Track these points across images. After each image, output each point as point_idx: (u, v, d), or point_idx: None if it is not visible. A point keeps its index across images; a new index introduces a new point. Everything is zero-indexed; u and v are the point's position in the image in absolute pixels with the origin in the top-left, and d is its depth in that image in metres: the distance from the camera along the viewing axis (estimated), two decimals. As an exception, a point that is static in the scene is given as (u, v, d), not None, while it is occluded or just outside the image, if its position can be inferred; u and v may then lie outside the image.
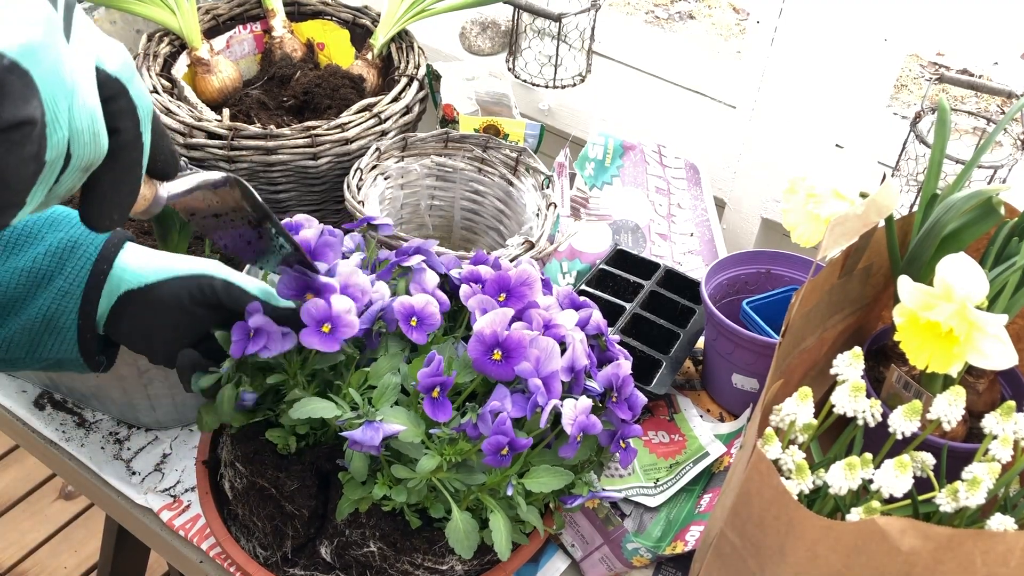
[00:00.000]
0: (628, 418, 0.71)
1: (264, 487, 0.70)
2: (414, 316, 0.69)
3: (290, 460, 0.70)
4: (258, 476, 0.70)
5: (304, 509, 0.69)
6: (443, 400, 0.64)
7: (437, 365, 0.64)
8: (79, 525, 1.90)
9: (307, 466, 0.70)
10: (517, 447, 0.63)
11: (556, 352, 0.66)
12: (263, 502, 0.70)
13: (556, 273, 1.09)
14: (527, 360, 0.65)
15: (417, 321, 0.69)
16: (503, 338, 0.65)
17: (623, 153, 1.22)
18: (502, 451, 0.63)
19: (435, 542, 0.68)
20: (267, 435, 0.69)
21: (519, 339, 0.65)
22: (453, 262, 0.77)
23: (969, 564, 0.50)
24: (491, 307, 0.69)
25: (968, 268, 0.63)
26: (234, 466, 0.72)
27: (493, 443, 0.63)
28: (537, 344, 0.66)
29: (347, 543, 0.68)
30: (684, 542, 0.82)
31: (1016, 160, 1.01)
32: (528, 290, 0.72)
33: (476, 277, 0.73)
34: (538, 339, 0.66)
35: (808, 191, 0.75)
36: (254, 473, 0.70)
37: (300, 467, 0.70)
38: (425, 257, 0.75)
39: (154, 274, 0.69)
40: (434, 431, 0.65)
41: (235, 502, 0.73)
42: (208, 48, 1.17)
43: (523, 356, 0.65)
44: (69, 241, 0.69)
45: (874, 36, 1.07)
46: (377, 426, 0.62)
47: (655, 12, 3.37)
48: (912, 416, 0.61)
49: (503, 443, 0.63)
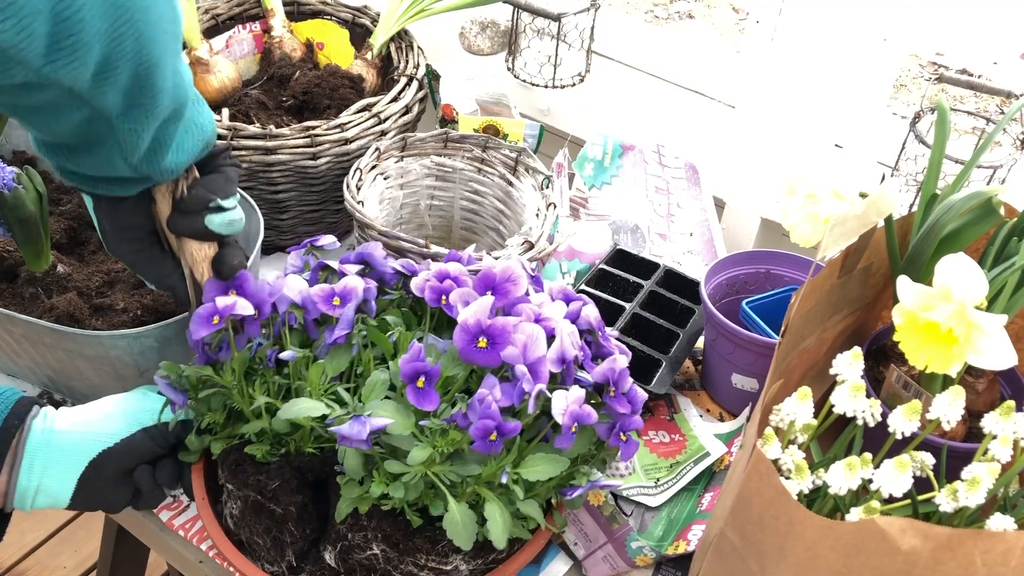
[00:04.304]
0: (627, 412, 0.71)
1: (253, 498, 0.70)
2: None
3: (269, 464, 0.71)
4: (243, 487, 0.70)
5: (291, 507, 0.69)
6: (428, 389, 0.65)
7: (417, 352, 0.65)
8: (79, 525, 1.89)
9: (287, 465, 0.70)
10: (505, 431, 0.64)
11: (542, 338, 0.67)
12: (257, 516, 0.70)
13: (556, 273, 1.09)
14: (513, 345, 0.66)
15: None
16: (487, 325, 0.66)
17: (622, 153, 1.22)
18: (491, 436, 0.63)
19: (437, 541, 0.68)
20: (247, 450, 0.70)
21: (503, 325, 0.66)
22: (410, 266, 0.79)
23: (969, 564, 0.50)
24: (473, 299, 0.69)
25: (967, 268, 0.63)
26: (229, 493, 0.73)
27: (480, 428, 0.63)
28: (522, 330, 0.66)
29: (350, 547, 0.68)
30: (687, 541, 0.82)
31: (1015, 160, 1.01)
32: (513, 286, 0.72)
33: (444, 275, 0.74)
34: (523, 325, 0.67)
35: (807, 191, 0.75)
36: (240, 486, 0.70)
37: (279, 466, 0.70)
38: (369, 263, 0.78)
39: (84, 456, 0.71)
40: (424, 423, 0.65)
41: (237, 530, 0.73)
42: (207, 48, 1.17)
43: (508, 342, 0.66)
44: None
45: (874, 36, 1.07)
46: (364, 420, 0.62)
47: (654, 12, 3.37)
48: (912, 416, 0.61)
49: (491, 427, 0.63)
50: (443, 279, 0.73)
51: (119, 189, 0.72)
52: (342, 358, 0.71)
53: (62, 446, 0.69)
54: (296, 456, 0.71)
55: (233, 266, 0.74)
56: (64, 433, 0.69)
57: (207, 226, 0.72)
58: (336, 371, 0.70)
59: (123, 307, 0.92)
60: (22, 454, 0.67)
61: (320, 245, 0.80)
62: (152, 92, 0.63)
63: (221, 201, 0.72)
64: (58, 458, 0.69)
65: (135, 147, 0.66)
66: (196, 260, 0.75)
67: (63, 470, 0.69)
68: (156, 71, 0.62)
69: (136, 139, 0.65)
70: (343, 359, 0.71)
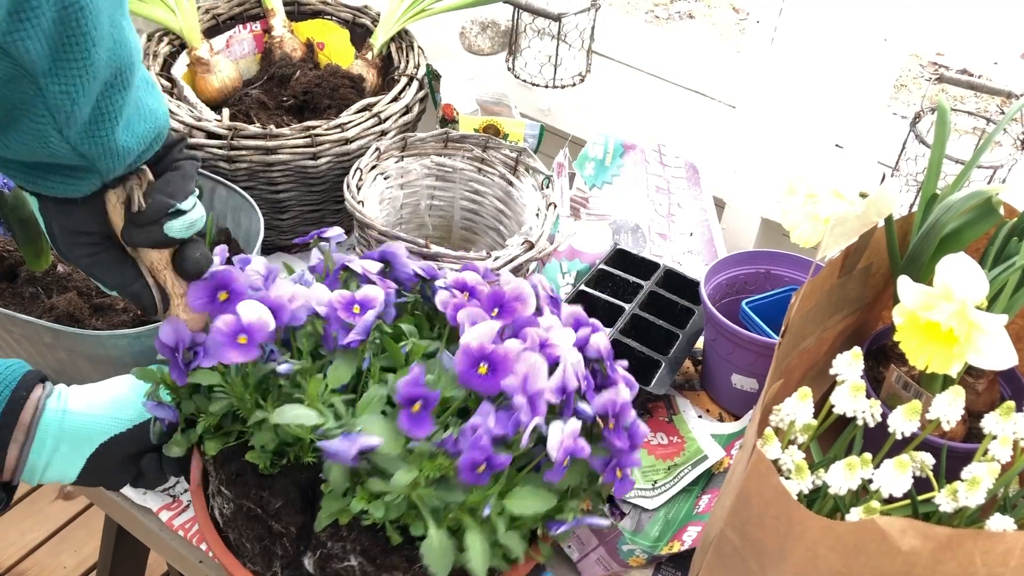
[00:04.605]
0: (625, 447, 0.67)
1: (250, 508, 0.69)
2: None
3: (273, 478, 0.68)
4: (243, 498, 0.69)
5: (292, 526, 0.67)
6: (423, 415, 0.62)
7: (418, 375, 0.62)
8: (79, 525, 1.89)
9: (290, 482, 0.68)
10: (495, 465, 0.61)
11: (544, 369, 0.64)
12: (250, 523, 0.69)
13: (556, 273, 1.09)
14: (514, 375, 0.63)
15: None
16: (490, 351, 0.63)
17: (623, 153, 1.22)
18: (478, 468, 0.61)
19: (415, 560, 0.65)
20: (247, 457, 0.67)
21: (506, 353, 0.63)
22: (431, 270, 0.76)
23: (969, 564, 0.50)
24: (481, 319, 0.67)
25: (968, 268, 0.63)
26: (221, 493, 0.71)
27: (468, 460, 0.60)
28: (525, 360, 0.64)
29: (329, 555, 0.66)
30: (681, 542, 0.82)
31: (1015, 160, 1.01)
32: (520, 305, 0.70)
33: (463, 285, 0.72)
34: (526, 355, 0.64)
35: (807, 191, 0.75)
36: (239, 495, 0.69)
37: (284, 483, 0.68)
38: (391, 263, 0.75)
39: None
40: (413, 444, 0.63)
41: (226, 528, 0.72)
42: (208, 48, 1.17)
43: (509, 371, 0.63)
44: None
45: (874, 36, 1.07)
46: (354, 438, 0.60)
47: (655, 12, 3.37)
48: (912, 416, 0.61)
49: (479, 460, 0.61)
50: (461, 289, 0.71)
51: (63, 186, 0.63)
52: (346, 369, 0.68)
53: (75, 428, 0.68)
54: (296, 469, 0.68)
55: (198, 263, 0.68)
56: (78, 415, 0.69)
57: (166, 234, 0.65)
58: (338, 383, 0.67)
59: (123, 307, 0.92)
60: (35, 432, 0.67)
61: (327, 237, 0.79)
62: (82, 43, 0.56)
63: (180, 204, 0.65)
64: (70, 439, 0.68)
65: (70, 114, 0.58)
66: (158, 268, 0.69)
67: (74, 450, 0.69)
68: (86, 16, 0.55)
69: (71, 104, 0.57)
70: (347, 370, 0.68)
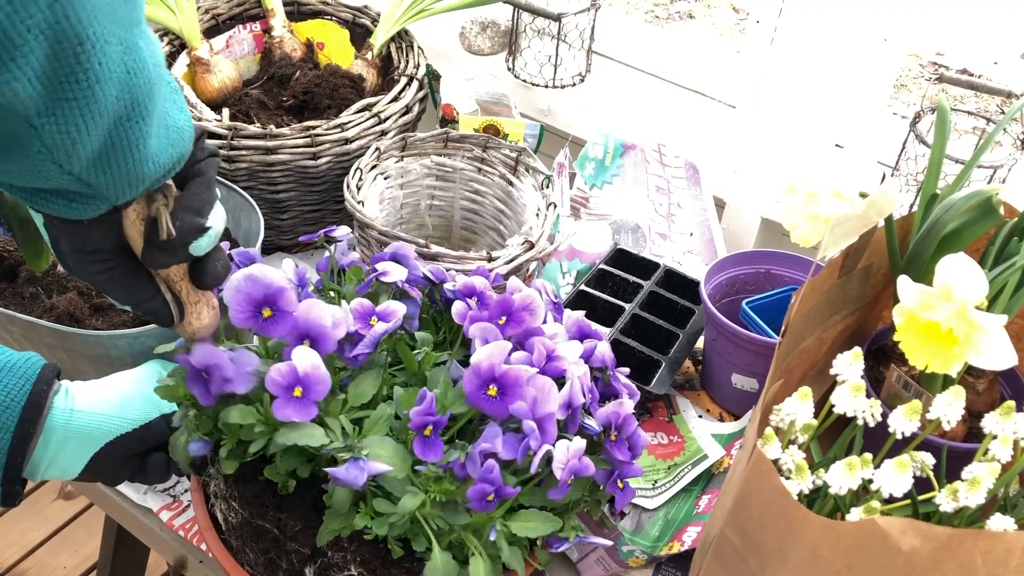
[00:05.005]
0: (627, 459, 0.68)
1: (266, 528, 0.68)
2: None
3: (292, 500, 0.67)
4: (259, 518, 0.68)
5: (306, 548, 0.67)
6: (434, 439, 0.62)
7: (429, 404, 0.62)
8: (79, 525, 1.89)
9: (309, 504, 0.67)
10: (503, 495, 0.61)
11: (554, 393, 0.63)
12: (259, 537, 0.68)
13: (556, 273, 1.09)
14: (523, 399, 0.62)
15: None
16: (500, 373, 0.62)
17: (623, 152, 1.22)
18: (488, 498, 0.61)
19: (415, 574, 0.65)
20: (266, 472, 0.65)
21: (516, 376, 0.62)
22: (439, 273, 0.75)
23: (969, 564, 0.50)
24: (493, 336, 0.66)
25: (968, 268, 0.63)
26: (228, 501, 0.70)
27: (478, 491, 0.60)
28: (534, 383, 0.63)
29: (329, 564, 0.66)
30: (680, 542, 0.82)
31: (1016, 160, 1.01)
32: (528, 315, 0.69)
33: (471, 291, 0.71)
34: (535, 378, 0.63)
35: (808, 191, 0.75)
36: (255, 516, 0.68)
37: (303, 507, 0.67)
38: (404, 265, 0.74)
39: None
40: (420, 468, 0.63)
41: (228, 533, 0.71)
42: (208, 48, 1.17)
43: (519, 395, 0.62)
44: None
45: (874, 36, 1.07)
46: (363, 465, 0.60)
47: (655, 11, 3.37)
48: (912, 416, 0.61)
49: (489, 491, 0.60)
50: (470, 294, 0.71)
51: (67, 209, 0.54)
52: (367, 385, 0.67)
53: (81, 427, 0.68)
54: (306, 482, 0.67)
55: (218, 276, 0.63)
56: (84, 414, 0.69)
57: (192, 254, 0.59)
58: (359, 401, 0.66)
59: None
60: (41, 429, 0.67)
61: (334, 235, 0.79)
62: (83, 80, 0.45)
63: (206, 221, 0.59)
64: (75, 438, 0.68)
65: (72, 152, 0.48)
66: (174, 279, 0.64)
67: (78, 449, 0.69)
68: (87, 51, 0.45)
69: (70, 143, 0.48)
70: (368, 387, 0.66)
